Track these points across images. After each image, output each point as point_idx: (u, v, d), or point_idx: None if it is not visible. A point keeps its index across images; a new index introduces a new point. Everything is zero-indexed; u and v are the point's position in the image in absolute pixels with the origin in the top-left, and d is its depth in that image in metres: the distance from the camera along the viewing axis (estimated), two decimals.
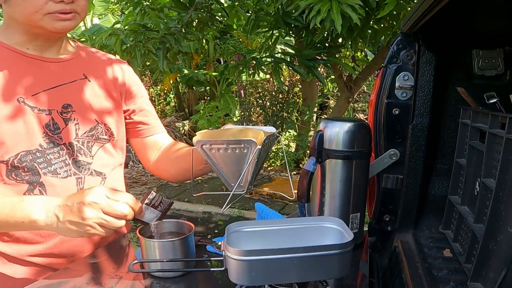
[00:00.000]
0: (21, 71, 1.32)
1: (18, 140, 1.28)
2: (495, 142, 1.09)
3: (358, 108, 8.27)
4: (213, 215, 4.50)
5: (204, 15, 4.13)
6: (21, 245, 1.34)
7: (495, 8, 1.17)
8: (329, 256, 0.97)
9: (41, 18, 1.24)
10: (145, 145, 1.64)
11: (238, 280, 1.01)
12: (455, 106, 1.44)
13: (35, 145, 1.31)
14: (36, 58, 1.34)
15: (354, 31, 3.50)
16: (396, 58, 1.45)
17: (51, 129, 1.34)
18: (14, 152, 1.28)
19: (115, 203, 1.13)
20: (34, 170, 1.31)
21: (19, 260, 1.34)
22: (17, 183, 1.30)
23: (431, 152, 1.47)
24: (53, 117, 1.34)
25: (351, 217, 1.39)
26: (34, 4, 1.22)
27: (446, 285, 1.13)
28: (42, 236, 1.34)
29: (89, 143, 1.42)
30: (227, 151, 1.16)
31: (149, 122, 1.63)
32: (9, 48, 1.32)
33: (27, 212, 1.16)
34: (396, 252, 1.40)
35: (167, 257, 1.18)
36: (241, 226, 1.12)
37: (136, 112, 1.59)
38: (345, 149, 1.34)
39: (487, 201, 1.07)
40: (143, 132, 1.62)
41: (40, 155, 1.32)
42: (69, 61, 1.43)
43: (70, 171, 1.37)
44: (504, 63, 1.41)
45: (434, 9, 1.08)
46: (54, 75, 1.37)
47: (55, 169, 1.34)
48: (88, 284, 1.17)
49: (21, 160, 1.29)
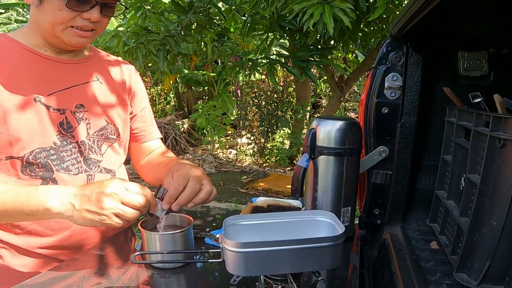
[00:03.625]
0: (38, 71, 1.32)
1: (33, 137, 1.28)
2: (480, 140, 1.09)
3: (349, 107, 8.28)
4: (211, 209, 4.49)
5: (202, 18, 4.12)
6: (32, 238, 1.33)
7: (479, 12, 1.17)
8: (321, 248, 0.97)
9: (63, 29, 1.27)
10: (139, 149, 1.67)
11: (235, 271, 1.00)
12: (442, 105, 1.44)
13: (49, 142, 1.31)
14: (53, 59, 1.35)
15: (345, 33, 3.49)
16: (385, 59, 1.45)
17: (64, 128, 1.34)
18: (29, 149, 1.28)
19: (134, 195, 1.12)
20: (47, 166, 1.31)
21: (28, 252, 1.34)
22: (31, 178, 1.30)
23: (418, 149, 1.47)
24: (66, 116, 1.35)
25: (342, 211, 1.39)
26: (64, 16, 1.25)
27: (433, 275, 1.13)
28: (52, 230, 1.34)
29: (99, 142, 1.43)
30: None
31: (146, 129, 1.65)
32: (26, 48, 1.32)
33: (41, 200, 1.14)
34: (385, 244, 1.40)
35: (168, 249, 1.18)
36: (238, 219, 1.12)
37: (137, 118, 1.61)
38: (336, 146, 1.33)
39: (472, 195, 1.07)
40: (139, 138, 1.65)
41: (53, 152, 1.32)
42: (83, 63, 1.44)
43: (81, 168, 1.38)
44: (488, 64, 1.41)
45: (421, 13, 1.08)
46: (69, 76, 1.38)
47: (67, 166, 1.35)
48: (93, 274, 1.16)
49: (36, 156, 1.29)
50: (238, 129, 7.25)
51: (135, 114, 1.60)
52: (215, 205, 4.55)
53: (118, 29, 4.56)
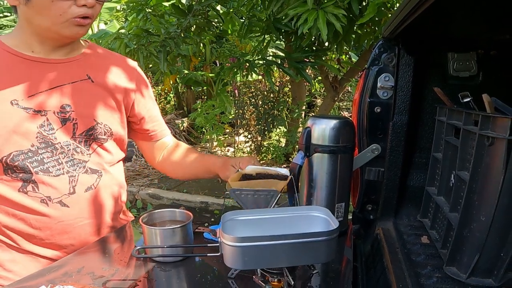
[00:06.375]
0: (19, 74, 1.28)
1: (10, 140, 1.25)
2: (469, 138, 1.09)
3: (343, 106, 8.27)
4: (209, 205, 4.49)
5: (201, 21, 4.11)
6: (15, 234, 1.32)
7: (469, 15, 1.17)
8: (316, 242, 0.97)
9: (63, 22, 1.22)
10: (153, 147, 1.65)
11: (232, 265, 1.00)
12: (432, 105, 1.44)
13: (27, 145, 1.27)
14: (39, 60, 1.30)
15: (339, 36, 3.49)
16: (378, 60, 1.45)
17: (45, 129, 1.29)
18: (6, 152, 1.25)
19: None
20: (26, 169, 1.28)
21: (17, 248, 1.34)
22: (12, 180, 1.28)
23: (410, 147, 1.47)
24: (48, 117, 1.29)
25: (336, 206, 1.39)
26: (59, 7, 1.19)
27: (423, 269, 1.13)
28: (33, 227, 1.32)
29: (86, 142, 1.37)
30: (254, 196, 1.24)
31: (157, 128, 1.63)
32: (11, 52, 1.28)
33: None
34: (377, 239, 1.40)
35: (168, 244, 1.18)
36: (236, 215, 1.12)
37: (146, 120, 1.57)
38: (331, 144, 1.33)
39: (462, 192, 1.07)
40: (152, 137, 1.62)
41: (32, 155, 1.28)
42: (74, 62, 1.37)
43: (63, 170, 1.32)
44: (477, 65, 1.41)
45: (412, 15, 1.08)
46: (55, 76, 1.32)
47: (47, 167, 1.30)
48: (95, 268, 1.16)
49: (13, 159, 1.26)
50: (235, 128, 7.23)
51: (143, 116, 1.55)
52: (214, 201, 4.54)
53: (120, 31, 4.54)
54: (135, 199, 4.90)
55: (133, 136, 1.61)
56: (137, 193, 4.91)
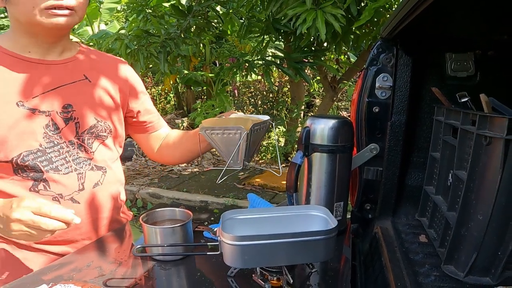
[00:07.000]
0: (20, 75, 1.29)
1: (19, 141, 1.27)
2: (466, 138, 1.09)
3: (342, 106, 8.27)
4: (209, 204, 4.49)
5: (201, 21, 4.11)
6: None
7: (466, 15, 1.17)
8: (315, 241, 0.97)
9: (37, 13, 1.21)
10: (150, 139, 1.67)
11: (232, 263, 1.00)
12: (430, 105, 1.44)
13: (35, 145, 1.29)
14: (37, 61, 1.32)
15: (337, 36, 3.49)
16: (376, 60, 1.45)
17: (50, 129, 1.32)
18: (16, 152, 1.27)
19: (40, 220, 1.07)
20: (36, 168, 1.29)
21: (26, 246, 1.34)
22: (23, 179, 1.29)
23: (408, 146, 1.47)
24: (52, 118, 1.32)
25: (335, 205, 1.39)
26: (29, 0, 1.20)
27: (421, 267, 1.13)
28: None
29: (89, 140, 1.40)
30: (224, 135, 1.29)
31: (153, 120, 1.65)
32: (10, 54, 1.29)
33: None
34: (376, 238, 1.40)
35: (168, 242, 1.18)
36: (235, 214, 1.12)
37: (142, 112, 1.60)
38: (329, 144, 1.33)
39: (459, 191, 1.07)
40: (148, 129, 1.65)
41: (41, 154, 1.30)
42: (70, 63, 1.40)
43: (71, 168, 1.36)
44: (474, 65, 1.40)
45: (410, 16, 1.08)
46: (55, 77, 1.35)
47: (56, 166, 1.33)
48: (96, 266, 1.16)
49: (24, 159, 1.28)
50: None
51: (139, 110, 1.59)
52: (213, 200, 4.54)
53: (120, 32, 4.54)
54: (135, 198, 4.89)
55: (130, 131, 1.65)
56: (137, 192, 4.91)
